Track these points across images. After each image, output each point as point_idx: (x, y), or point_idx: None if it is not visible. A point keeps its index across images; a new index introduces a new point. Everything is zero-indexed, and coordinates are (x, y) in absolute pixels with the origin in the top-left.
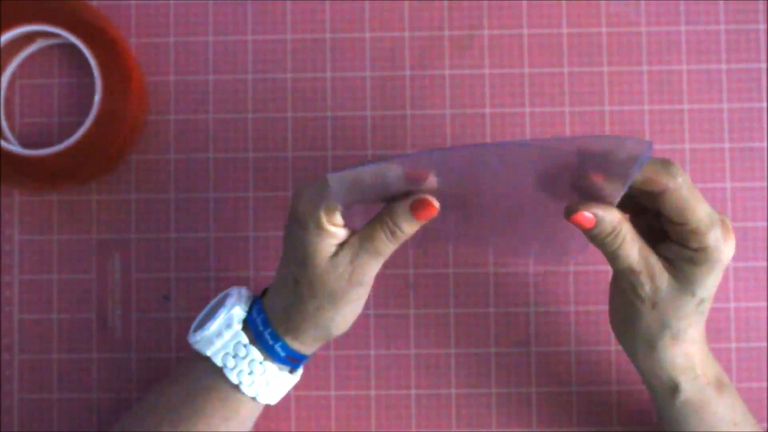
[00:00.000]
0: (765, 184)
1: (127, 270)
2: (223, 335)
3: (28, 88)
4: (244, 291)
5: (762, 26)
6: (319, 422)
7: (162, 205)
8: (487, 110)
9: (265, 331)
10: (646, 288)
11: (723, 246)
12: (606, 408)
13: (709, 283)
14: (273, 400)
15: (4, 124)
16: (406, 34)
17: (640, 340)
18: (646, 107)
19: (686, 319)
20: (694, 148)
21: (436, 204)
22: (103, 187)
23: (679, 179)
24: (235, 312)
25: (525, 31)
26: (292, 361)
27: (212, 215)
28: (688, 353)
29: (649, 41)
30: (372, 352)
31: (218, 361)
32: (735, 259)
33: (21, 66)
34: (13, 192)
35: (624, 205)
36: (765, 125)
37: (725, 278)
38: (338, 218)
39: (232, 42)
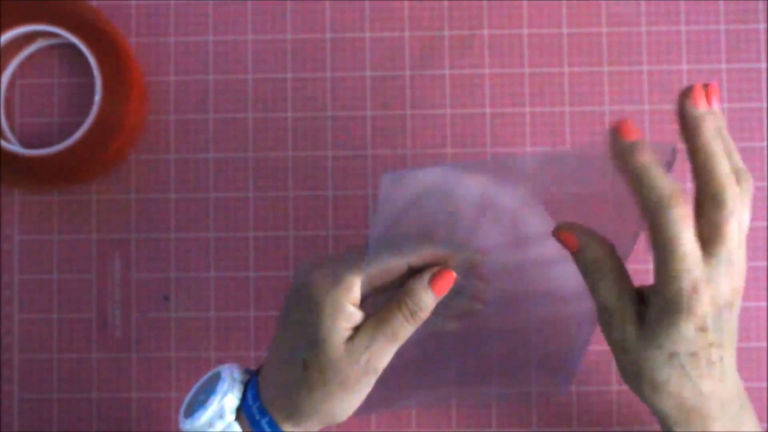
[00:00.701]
0: (765, 183)
1: (127, 270)
2: (215, 426)
3: (28, 88)
4: (236, 373)
5: (762, 26)
6: None
7: (162, 205)
8: (487, 110)
9: (262, 420)
10: (615, 333)
11: (691, 295)
12: (606, 408)
13: (675, 336)
14: None
15: (4, 124)
16: (406, 34)
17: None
18: (646, 107)
19: (659, 371)
20: None
21: (454, 273)
22: (103, 187)
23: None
24: (227, 401)
25: (525, 31)
26: None
27: (212, 215)
28: (680, 404)
29: (649, 41)
30: None
31: None
32: None
33: (21, 66)
34: (13, 192)
35: None
36: (765, 125)
37: None
38: (356, 294)
39: (232, 42)
